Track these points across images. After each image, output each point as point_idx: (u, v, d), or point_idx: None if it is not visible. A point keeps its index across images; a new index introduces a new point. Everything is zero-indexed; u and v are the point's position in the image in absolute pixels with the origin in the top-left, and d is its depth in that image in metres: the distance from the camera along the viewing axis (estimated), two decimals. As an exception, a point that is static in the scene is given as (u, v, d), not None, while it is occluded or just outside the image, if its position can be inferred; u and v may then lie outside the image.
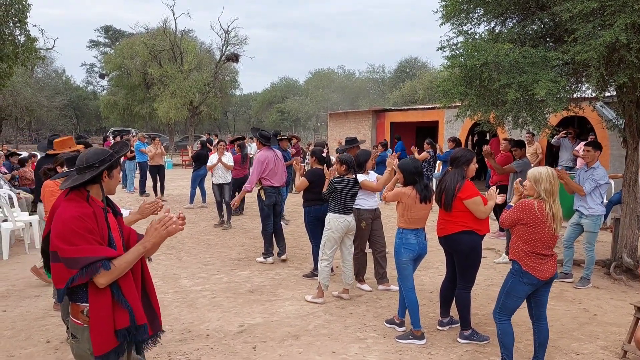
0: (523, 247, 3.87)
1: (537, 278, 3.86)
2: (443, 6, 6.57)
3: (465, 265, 4.67)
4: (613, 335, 4.85)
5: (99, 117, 47.62)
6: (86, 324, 2.55)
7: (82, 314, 2.57)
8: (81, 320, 2.58)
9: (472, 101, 6.24)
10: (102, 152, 2.70)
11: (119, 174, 2.84)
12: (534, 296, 4.05)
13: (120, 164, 3.57)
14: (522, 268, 3.87)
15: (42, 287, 6.22)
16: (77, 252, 2.42)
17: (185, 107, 33.56)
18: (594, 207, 6.28)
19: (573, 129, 12.12)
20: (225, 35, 36.22)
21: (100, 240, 2.51)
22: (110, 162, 2.67)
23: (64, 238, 2.44)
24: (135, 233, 2.86)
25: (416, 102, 33.41)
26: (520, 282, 3.89)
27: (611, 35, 5.01)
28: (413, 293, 4.78)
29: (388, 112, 20.30)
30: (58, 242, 2.45)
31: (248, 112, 63.84)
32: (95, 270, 2.42)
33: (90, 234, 2.47)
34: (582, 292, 6.12)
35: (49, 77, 45.33)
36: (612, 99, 7.38)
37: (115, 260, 2.49)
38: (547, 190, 3.80)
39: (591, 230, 6.36)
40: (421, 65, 47.87)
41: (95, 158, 2.64)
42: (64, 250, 2.43)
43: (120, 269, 2.50)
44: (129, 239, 2.81)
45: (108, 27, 54.31)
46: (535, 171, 3.90)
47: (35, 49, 13.09)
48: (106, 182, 2.73)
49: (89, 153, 2.68)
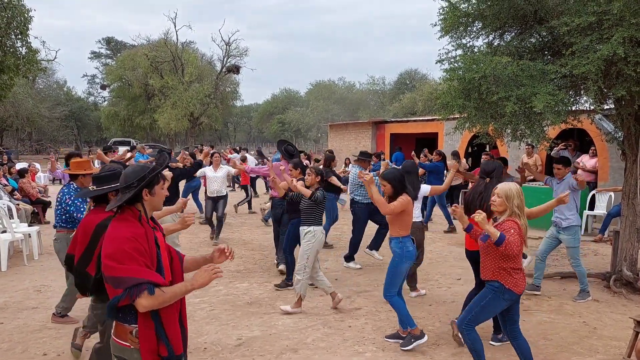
0: (505, 264, 3.85)
1: (517, 294, 3.88)
2: (442, 19, 6.61)
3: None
4: (613, 349, 4.82)
5: (100, 128, 47.80)
6: (135, 346, 2.51)
7: (131, 335, 2.52)
8: (129, 341, 2.53)
9: (471, 113, 6.26)
10: (141, 169, 2.64)
11: (163, 189, 2.77)
12: (507, 313, 4.04)
13: None
14: (504, 286, 3.85)
15: (40, 299, 6.20)
16: (125, 271, 2.40)
17: (186, 118, 33.68)
18: (570, 217, 6.23)
19: (573, 141, 12.13)
20: (226, 47, 36.46)
21: (149, 264, 2.49)
22: (148, 179, 2.61)
23: (113, 257, 2.42)
24: (176, 252, 2.83)
25: (416, 114, 33.49)
26: (501, 299, 3.89)
27: (609, 48, 5.04)
28: (398, 297, 4.85)
29: (388, 123, 20.36)
30: (107, 261, 2.44)
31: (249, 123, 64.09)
32: (139, 292, 2.39)
33: (140, 256, 2.45)
34: (581, 305, 6.09)
35: (50, 88, 45.57)
36: (610, 111, 7.39)
37: (164, 288, 2.48)
38: (519, 206, 3.85)
39: (572, 246, 6.28)
40: (421, 77, 48.08)
41: (134, 177, 2.59)
42: (112, 269, 2.41)
43: (164, 299, 2.47)
44: (171, 258, 2.77)
45: (110, 39, 54.67)
46: (505, 187, 3.87)
47: (37, 61, 13.18)
48: (148, 199, 2.65)
49: (128, 172, 2.63)
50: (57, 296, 6.24)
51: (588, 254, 8.69)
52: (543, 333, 5.20)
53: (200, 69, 37.17)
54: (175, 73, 34.66)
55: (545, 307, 6.00)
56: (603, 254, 8.62)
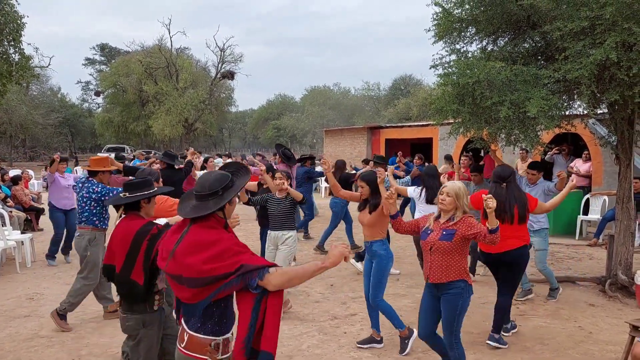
0: (465, 263, 3.87)
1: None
2: (436, 25, 6.63)
3: (518, 277, 5.10)
4: (609, 353, 4.81)
5: (94, 135, 47.66)
6: (212, 359, 2.45)
7: (210, 347, 2.45)
8: (208, 354, 2.45)
9: (465, 118, 6.27)
10: (223, 177, 2.57)
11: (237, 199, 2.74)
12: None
13: None
14: (468, 283, 3.85)
15: (32, 307, 6.14)
16: (234, 263, 2.34)
17: (181, 124, 33.66)
18: (541, 220, 6.26)
19: (567, 146, 12.18)
20: (220, 53, 36.50)
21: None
22: (232, 187, 2.55)
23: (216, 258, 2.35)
24: None
25: (411, 119, 33.56)
26: (468, 298, 3.88)
27: (602, 53, 5.06)
28: (384, 301, 4.83)
29: (383, 129, 20.38)
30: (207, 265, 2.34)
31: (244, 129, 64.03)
32: (262, 272, 2.33)
33: (246, 249, 2.43)
34: (577, 310, 6.07)
35: (44, 94, 45.39)
36: (604, 116, 7.42)
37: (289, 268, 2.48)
38: (467, 204, 3.89)
39: (542, 248, 6.27)
40: (415, 83, 48.21)
41: (218, 185, 2.51)
42: (214, 269, 2.33)
43: (292, 275, 2.41)
44: None
45: (104, 45, 54.62)
46: (455, 187, 3.85)
47: (30, 67, 13.12)
48: (227, 208, 2.58)
49: (211, 179, 2.54)
50: (50, 304, 6.19)
51: (583, 258, 8.70)
52: (539, 338, 5.19)
53: (194, 75, 37.20)
54: (169, 79, 34.67)
55: (541, 311, 5.99)
56: (598, 258, 8.62)
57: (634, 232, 6.78)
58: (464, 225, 3.78)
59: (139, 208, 3.46)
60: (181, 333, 2.54)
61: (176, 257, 2.43)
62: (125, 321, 3.33)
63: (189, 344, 2.48)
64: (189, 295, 2.42)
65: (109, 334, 5.23)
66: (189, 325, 2.49)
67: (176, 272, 2.43)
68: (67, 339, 5.13)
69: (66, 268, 7.99)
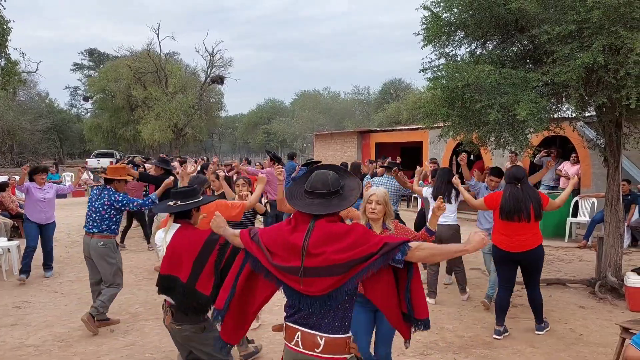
0: None
1: None
2: (425, 29, 6.64)
3: (539, 272, 5.35)
4: (600, 356, 4.82)
5: (83, 140, 47.32)
6: (354, 352, 2.47)
7: (351, 342, 2.48)
8: (351, 351, 2.46)
9: (455, 122, 6.28)
10: (337, 177, 2.60)
11: None
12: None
13: None
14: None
15: (18, 315, 6.04)
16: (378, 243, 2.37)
17: (170, 129, 33.49)
18: (487, 226, 6.31)
19: (556, 149, 12.25)
20: (210, 58, 36.42)
21: None
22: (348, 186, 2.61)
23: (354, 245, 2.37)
24: None
25: (401, 123, 33.68)
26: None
27: (589, 56, 5.09)
28: None
29: (373, 132, 20.41)
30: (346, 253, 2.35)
31: (234, 134, 63.86)
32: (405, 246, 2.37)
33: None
34: (567, 312, 6.09)
35: (32, 100, 44.99)
36: (592, 118, 7.47)
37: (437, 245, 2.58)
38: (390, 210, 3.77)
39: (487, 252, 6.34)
40: (405, 87, 48.42)
41: (338, 184, 2.56)
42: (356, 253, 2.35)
43: (437, 251, 2.51)
44: None
45: (92, 50, 54.27)
46: (381, 193, 3.66)
47: (17, 73, 12.99)
48: None
49: (332, 178, 2.56)
50: (37, 312, 6.11)
51: (573, 261, 8.74)
52: (530, 341, 5.19)
53: (184, 80, 37.06)
54: (158, 84, 34.51)
55: (532, 314, 5.99)
56: (587, 260, 8.66)
57: (622, 234, 6.83)
58: (401, 231, 3.68)
59: (190, 216, 3.45)
60: (307, 340, 2.44)
61: (310, 251, 2.39)
62: (181, 332, 3.30)
63: (327, 348, 2.41)
64: (326, 285, 2.36)
65: (96, 342, 5.16)
66: (322, 328, 2.43)
67: (312, 265, 2.38)
68: (54, 348, 5.05)
69: (54, 275, 7.89)
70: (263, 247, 2.50)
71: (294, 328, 2.47)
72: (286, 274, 2.43)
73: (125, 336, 5.37)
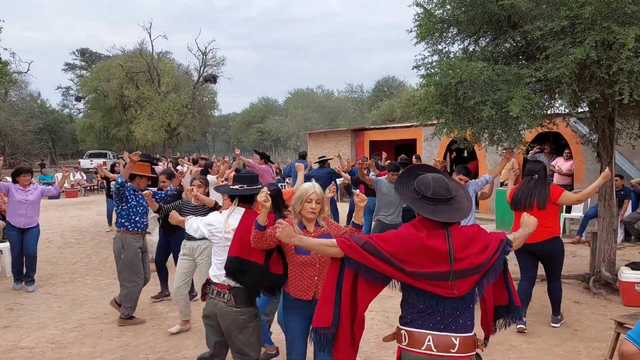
0: None
1: None
2: (417, 26, 6.63)
3: (558, 266, 5.50)
4: (595, 350, 4.83)
5: (76, 141, 46.98)
6: (480, 349, 2.56)
7: (477, 339, 2.57)
8: (480, 347, 2.57)
9: (448, 119, 6.27)
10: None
11: None
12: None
13: None
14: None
15: (11, 317, 5.99)
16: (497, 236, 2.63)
17: (163, 129, 33.30)
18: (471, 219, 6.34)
19: (549, 145, 12.29)
20: (202, 57, 36.26)
21: None
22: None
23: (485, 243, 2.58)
24: None
25: (394, 121, 33.66)
26: None
27: (582, 52, 5.10)
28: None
29: (367, 130, 20.42)
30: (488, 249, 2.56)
31: (227, 133, 63.71)
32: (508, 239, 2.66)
33: None
34: (562, 307, 6.09)
35: (23, 100, 44.65)
36: (585, 114, 7.50)
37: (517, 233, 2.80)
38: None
39: None
40: (399, 84, 48.44)
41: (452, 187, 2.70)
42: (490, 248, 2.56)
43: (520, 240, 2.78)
44: None
45: (84, 50, 53.88)
46: (319, 190, 3.44)
47: (8, 73, 12.89)
48: None
49: (447, 182, 2.65)
50: (30, 314, 6.06)
51: (567, 256, 8.71)
52: (525, 336, 5.20)
53: (176, 79, 36.84)
54: (151, 83, 34.30)
55: (527, 310, 6.00)
56: (581, 255, 8.70)
57: (616, 229, 6.85)
58: (333, 227, 3.49)
59: (252, 202, 3.60)
60: (442, 342, 2.48)
61: (456, 256, 2.47)
62: (239, 315, 3.39)
63: (461, 347, 2.47)
64: (468, 286, 2.50)
65: (90, 344, 5.13)
66: (457, 329, 2.50)
67: (460, 268, 2.46)
68: (47, 350, 5.01)
69: (47, 277, 7.83)
70: (386, 256, 2.48)
71: (422, 333, 2.49)
72: (426, 280, 2.46)
73: (119, 337, 5.34)
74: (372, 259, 2.49)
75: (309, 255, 3.30)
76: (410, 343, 2.51)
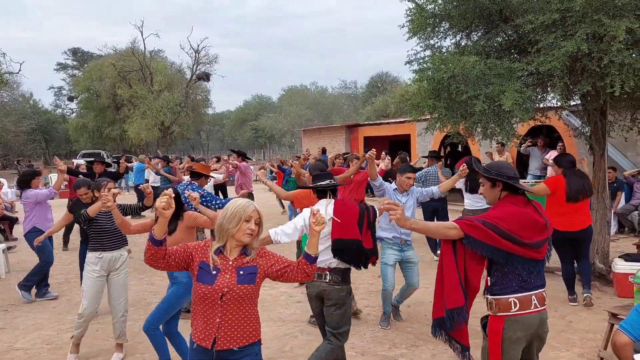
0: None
1: None
2: (409, 21, 6.63)
3: (589, 247, 6.11)
4: (589, 342, 4.86)
5: (69, 141, 46.85)
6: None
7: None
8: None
9: (442, 113, 6.29)
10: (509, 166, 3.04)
11: None
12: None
13: None
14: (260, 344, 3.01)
15: (6, 319, 5.97)
16: None
17: (157, 128, 33.24)
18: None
19: (542, 138, 12.34)
20: (195, 55, 36.15)
21: None
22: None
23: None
24: None
25: (388, 116, 33.70)
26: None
27: (573, 45, 5.11)
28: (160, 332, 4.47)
29: (361, 126, 20.43)
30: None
31: (222, 131, 63.59)
32: None
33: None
34: (557, 299, 6.13)
35: (15, 101, 44.37)
36: (577, 107, 7.52)
37: None
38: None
39: (417, 261, 5.50)
40: (392, 80, 48.48)
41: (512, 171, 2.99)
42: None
43: None
44: None
45: (76, 50, 53.58)
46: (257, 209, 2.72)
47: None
48: None
49: (509, 166, 3.04)
50: (25, 315, 6.04)
51: (561, 249, 8.80)
52: (520, 329, 5.22)
53: (169, 78, 36.77)
54: (144, 82, 34.20)
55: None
56: (575, 247, 8.73)
57: (609, 221, 6.89)
58: (265, 258, 2.74)
59: (335, 193, 4.14)
60: (540, 298, 2.88)
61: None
62: (340, 292, 3.81)
63: (544, 299, 2.92)
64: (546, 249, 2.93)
65: (87, 344, 5.11)
66: (543, 284, 2.92)
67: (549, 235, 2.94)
68: (43, 351, 5.00)
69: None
70: (507, 232, 2.77)
71: (527, 296, 2.84)
72: (534, 249, 2.83)
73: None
74: (495, 236, 2.77)
75: (211, 286, 2.58)
76: (521, 307, 2.82)
